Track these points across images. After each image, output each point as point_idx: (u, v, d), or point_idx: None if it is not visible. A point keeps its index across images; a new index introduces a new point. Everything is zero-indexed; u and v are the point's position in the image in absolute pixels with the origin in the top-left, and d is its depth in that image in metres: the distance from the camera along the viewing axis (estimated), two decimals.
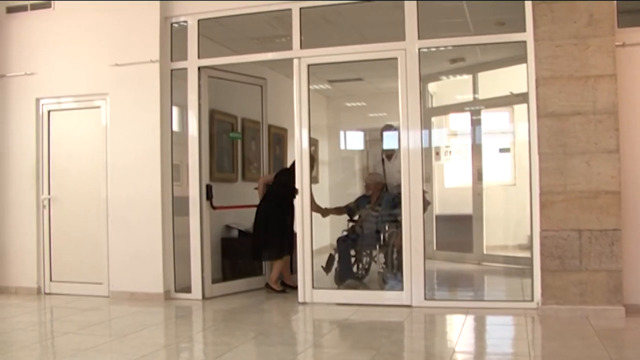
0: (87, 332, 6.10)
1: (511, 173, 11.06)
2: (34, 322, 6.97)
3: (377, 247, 8.08)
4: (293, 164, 7.57)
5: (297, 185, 7.20)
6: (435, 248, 10.10)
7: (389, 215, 8.10)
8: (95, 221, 7.99)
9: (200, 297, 7.52)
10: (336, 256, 8.11)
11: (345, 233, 8.38)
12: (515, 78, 7.66)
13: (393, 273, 7.79)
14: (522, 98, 6.96)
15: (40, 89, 8.23)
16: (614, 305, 6.12)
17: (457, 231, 10.33)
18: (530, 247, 6.65)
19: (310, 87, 7.31)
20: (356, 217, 8.49)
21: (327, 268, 8.02)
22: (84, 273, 8.09)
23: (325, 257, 8.20)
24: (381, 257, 8.01)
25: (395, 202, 7.97)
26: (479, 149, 10.13)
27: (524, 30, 6.53)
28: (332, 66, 7.87)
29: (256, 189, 8.30)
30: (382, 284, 7.74)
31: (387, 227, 8.07)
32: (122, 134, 7.81)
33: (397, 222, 7.85)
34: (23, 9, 8.34)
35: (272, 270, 8.01)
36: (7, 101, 8.35)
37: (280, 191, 7.99)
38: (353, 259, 8.29)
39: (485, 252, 9.95)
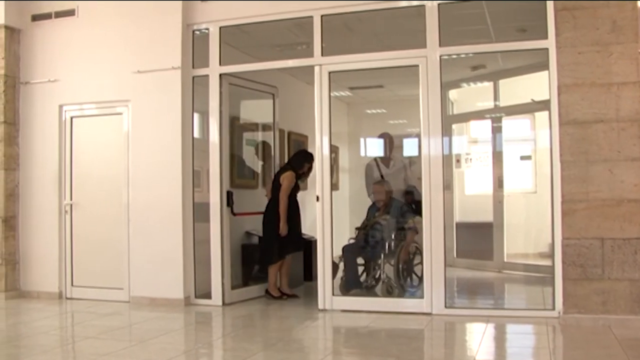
0: (108, 337, 6.14)
1: (532, 181, 11.02)
2: (56, 326, 7.03)
3: (382, 255, 7.94)
4: (283, 167, 8.00)
5: (318, 192, 7.20)
6: (455, 255, 10.06)
7: (397, 223, 8.07)
8: (116, 227, 8.04)
9: (220, 303, 7.53)
10: (341, 265, 7.92)
11: (352, 241, 8.27)
12: (537, 85, 7.62)
13: (399, 283, 7.79)
14: (544, 105, 6.92)
15: (64, 95, 8.31)
16: (637, 315, 6.04)
17: (477, 239, 10.28)
18: (551, 256, 6.60)
19: (331, 94, 7.32)
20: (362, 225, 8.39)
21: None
22: (104, 278, 8.13)
23: None
24: (387, 267, 7.90)
25: (404, 210, 8.10)
26: (500, 157, 10.08)
27: (545, 37, 6.48)
28: (353, 73, 7.88)
29: (267, 196, 8.32)
30: (386, 294, 7.61)
31: (393, 236, 8.04)
32: (143, 140, 7.86)
33: (404, 231, 8.02)
34: (47, 17, 8.42)
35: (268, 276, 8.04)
36: (31, 108, 8.44)
37: (274, 194, 8.04)
38: (361, 268, 8.23)
39: (505, 259, 9.90)
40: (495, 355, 5.54)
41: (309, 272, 8.86)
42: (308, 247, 8.71)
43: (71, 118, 8.36)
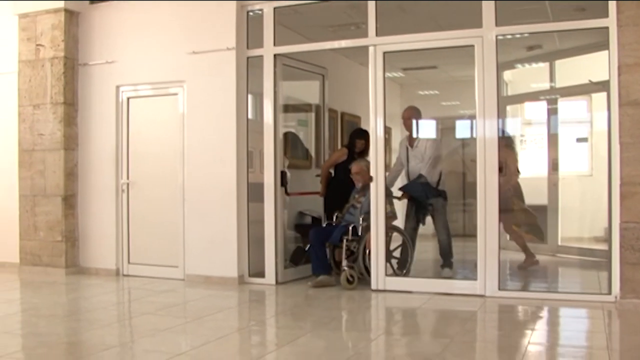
0: (164, 314, 6.26)
1: (588, 163, 10.83)
2: (114, 302, 7.21)
3: (345, 240, 7.36)
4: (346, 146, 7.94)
5: (372, 173, 7.20)
6: (508, 238, 9.96)
7: (368, 207, 7.40)
8: (171, 206, 8.17)
9: (273, 281, 7.61)
10: (308, 248, 7.71)
11: (324, 225, 8.02)
12: (594, 65, 7.48)
13: (367, 270, 7.35)
14: (602, 86, 6.78)
15: (120, 76, 8.45)
16: None
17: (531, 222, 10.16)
18: (607, 239, 6.49)
19: (385, 74, 7.28)
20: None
21: (293, 261, 7.89)
22: (160, 256, 8.28)
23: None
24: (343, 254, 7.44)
25: None
26: (555, 139, 9.93)
27: (606, 15, 6.32)
28: (406, 54, 7.84)
29: (318, 176, 8.34)
30: (347, 284, 7.25)
31: (361, 221, 7.51)
32: (198, 120, 7.95)
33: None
34: None
35: None
36: (89, 89, 8.60)
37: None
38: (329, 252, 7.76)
39: (560, 243, 9.77)
40: (550, 338, 5.49)
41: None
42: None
43: (128, 99, 8.49)
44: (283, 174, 7.74)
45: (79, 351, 5.06)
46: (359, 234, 7.44)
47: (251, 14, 7.87)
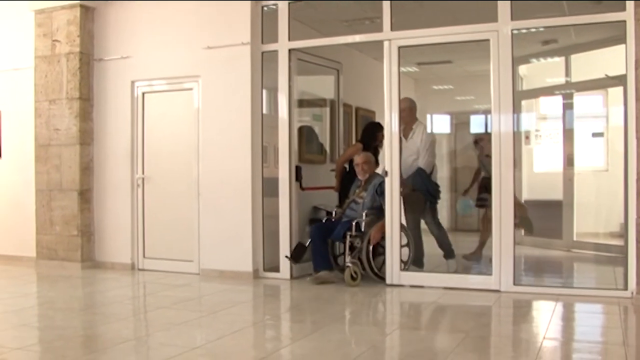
0: (179, 308, 6.29)
1: (604, 158, 10.78)
2: (129, 295, 7.26)
3: (349, 236, 7.23)
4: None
5: (387, 168, 7.19)
6: (523, 233, 9.94)
7: (372, 202, 7.46)
8: (186, 200, 8.19)
9: (288, 276, 7.62)
10: (308, 244, 7.55)
11: (324, 220, 7.84)
12: (611, 60, 7.44)
13: (370, 266, 7.27)
14: (618, 80, 6.75)
15: (136, 71, 8.47)
16: None
17: (546, 217, 10.14)
18: (623, 235, 6.46)
19: (400, 69, 7.26)
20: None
21: (294, 257, 7.57)
22: (175, 251, 8.31)
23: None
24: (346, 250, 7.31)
25: (382, 188, 7.31)
26: (570, 134, 9.90)
27: (623, 9, 6.26)
28: (421, 48, 7.82)
29: (332, 170, 8.33)
30: (351, 281, 7.11)
31: (364, 216, 7.34)
32: (213, 115, 7.97)
33: (376, 211, 7.41)
34: None
35: None
36: (104, 84, 8.64)
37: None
38: (337, 249, 7.76)
39: (575, 238, 9.73)
40: (565, 333, 5.48)
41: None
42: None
43: (143, 94, 8.52)
44: (298, 168, 7.75)
45: (95, 344, 5.11)
46: (362, 229, 7.30)
47: (266, 8, 7.87)
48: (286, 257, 7.59)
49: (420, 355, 4.67)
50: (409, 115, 7.75)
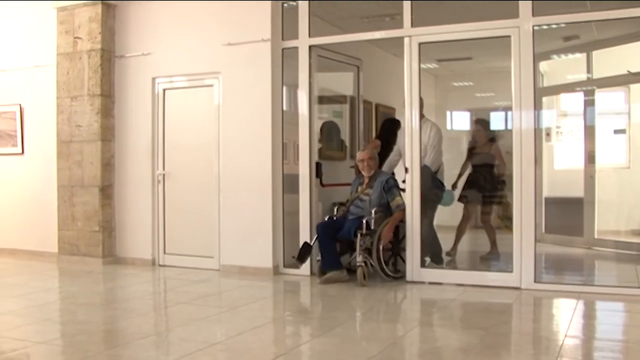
0: (200, 303, 6.32)
1: (626, 155, 10.68)
2: (150, 291, 7.29)
3: (360, 235, 6.98)
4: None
5: (407, 164, 7.18)
6: (543, 231, 9.89)
7: (380, 199, 7.26)
8: (207, 197, 8.23)
9: (308, 272, 7.61)
10: (315, 245, 7.34)
11: (327, 218, 7.55)
12: (633, 56, 7.37)
13: (380, 266, 7.13)
14: None
15: (156, 68, 8.52)
16: None
17: (566, 214, 10.08)
18: None
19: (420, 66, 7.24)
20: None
21: (300, 258, 7.33)
22: (195, 246, 8.35)
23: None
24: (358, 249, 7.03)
25: (390, 185, 7.27)
26: (592, 130, 9.82)
27: None
28: (441, 45, 7.78)
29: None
30: (363, 281, 6.93)
31: (373, 214, 7.14)
32: (233, 112, 7.99)
33: (384, 208, 7.26)
34: None
35: None
36: (125, 80, 8.69)
37: None
38: (339, 247, 7.44)
39: (596, 236, 9.66)
40: (587, 331, 5.45)
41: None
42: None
43: (164, 90, 8.56)
44: (318, 165, 7.75)
45: (116, 339, 5.15)
46: (372, 227, 7.10)
47: (286, 5, 7.88)
48: (293, 257, 7.49)
49: (440, 352, 4.67)
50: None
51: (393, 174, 7.85)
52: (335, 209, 7.63)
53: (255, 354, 4.62)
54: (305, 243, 7.38)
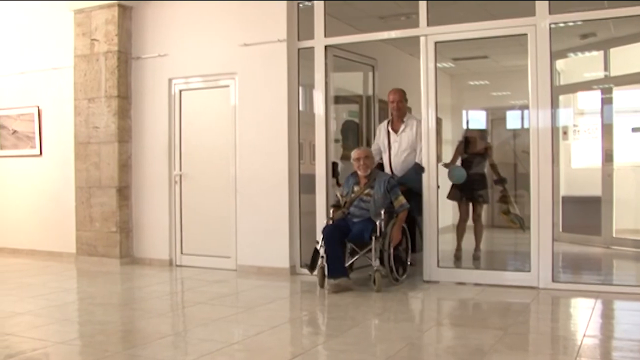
0: (217, 303, 6.34)
1: None
2: (167, 291, 7.32)
3: (374, 238, 6.67)
4: None
5: (424, 164, 7.17)
6: (561, 230, 9.83)
7: (384, 199, 6.90)
8: (223, 197, 8.25)
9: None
10: (322, 250, 6.88)
11: (330, 221, 7.10)
12: None
13: (391, 267, 6.89)
14: None
15: (173, 69, 8.56)
16: None
17: (584, 213, 10.02)
18: None
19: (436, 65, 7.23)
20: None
21: (311, 266, 6.98)
22: (212, 247, 8.38)
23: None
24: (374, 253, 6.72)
25: (392, 184, 6.95)
26: (609, 129, 9.75)
27: None
28: (457, 44, 7.74)
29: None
30: (380, 287, 6.68)
31: (382, 214, 6.81)
32: (249, 112, 8.01)
33: (392, 209, 6.96)
34: None
35: None
36: (142, 82, 8.74)
37: None
38: (347, 251, 7.07)
39: (614, 235, 9.60)
40: (605, 331, 5.40)
41: (413, 244, 8.78)
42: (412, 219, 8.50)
43: (180, 91, 8.59)
44: (334, 165, 7.76)
45: (135, 339, 5.17)
46: (382, 229, 6.79)
47: (302, 5, 7.89)
48: (305, 265, 7.21)
49: (458, 352, 4.65)
50: (403, 107, 7.53)
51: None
52: (331, 211, 7.16)
53: (272, 354, 4.63)
54: (316, 250, 6.96)
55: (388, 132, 7.61)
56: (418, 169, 7.26)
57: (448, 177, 7.94)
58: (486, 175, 8.55)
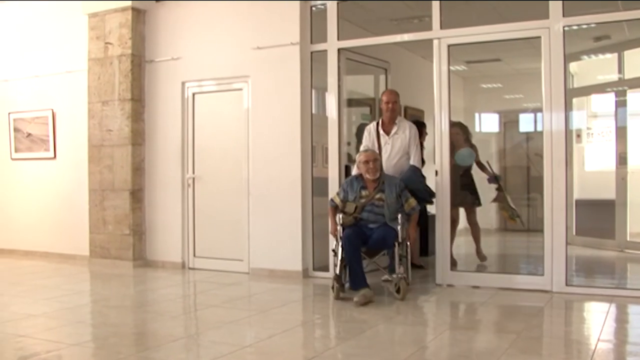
0: (230, 306, 6.35)
1: None
2: (180, 294, 7.33)
3: (397, 244, 6.48)
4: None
5: (437, 167, 7.15)
6: (574, 233, 9.79)
7: (397, 203, 6.66)
8: (236, 200, 8.27)
9: None
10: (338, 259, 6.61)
11: (344, 227, 6.65)
12: None
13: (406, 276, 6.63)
14: None
15: (186, 72, 8.58)
16: None
17: (598, 216, 9.97)
18: None
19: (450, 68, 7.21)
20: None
21: (340, 276, 6.57)
22: (225, 250, 8.39)
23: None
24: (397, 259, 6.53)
25: (402, 187, 6.72)
26: (623, 131, 9.70)
27: None
28: (470, 47, 7.73)
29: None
30: (404, 292, 6.48)
31: (400, 219, 6.58)
32: (262, 115, 8.02)
33: (403, 213, 6.67)
34: None
35: None
36: (155, 85, 8.77)
37: None
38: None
39: (628, 239, 9.54)
40: (620, 335, 5.37)
41: (425, 247, 8.78)
42: (424, 222, 8.44)
43: (193, 94, 8.61)
44: (347, 168, 7.76)
45: (148, 341, 5.19)
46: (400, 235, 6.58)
47: (314, 8, 7.90)
48: (336, 279, 6.58)
49: (471, 356, 4.64)
50: (397, 109, 7.28)
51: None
52: (340, 217, 6.70)
53: (285, 357, 4.63)
54: (341, 258, 6.54)
55: (378, 133, 7.27)
56: (415, 171, 7.09)
57: (455, 159, 7.64)
58: (473, 178, 8.36)
